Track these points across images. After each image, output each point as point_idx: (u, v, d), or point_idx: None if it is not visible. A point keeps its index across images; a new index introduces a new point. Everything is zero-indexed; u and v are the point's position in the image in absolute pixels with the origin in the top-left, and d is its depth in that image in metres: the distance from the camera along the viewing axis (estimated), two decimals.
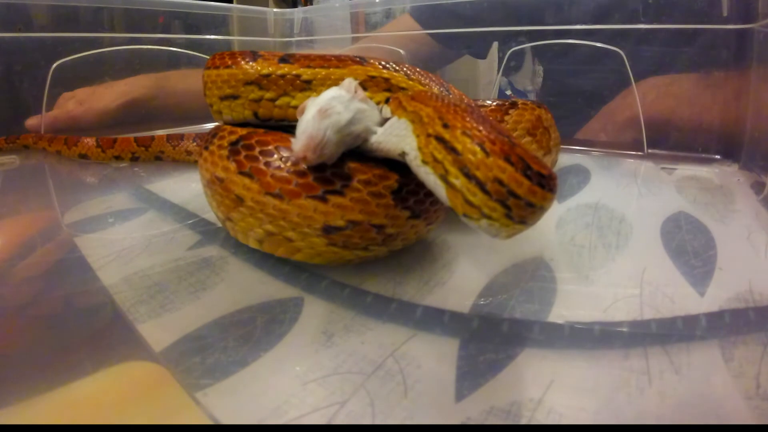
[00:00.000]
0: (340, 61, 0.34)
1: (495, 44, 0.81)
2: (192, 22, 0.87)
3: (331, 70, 0.33)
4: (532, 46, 0.77)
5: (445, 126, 0.24)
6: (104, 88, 0.78)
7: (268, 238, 0.29)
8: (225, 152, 0.30)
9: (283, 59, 0.33)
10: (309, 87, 0.33)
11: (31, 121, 0.70)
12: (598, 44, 0.64)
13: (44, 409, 0.20)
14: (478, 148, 0.22)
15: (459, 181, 0.23)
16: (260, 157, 0.28)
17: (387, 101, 0.29)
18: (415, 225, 0.30)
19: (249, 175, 0.28)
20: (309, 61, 0.33)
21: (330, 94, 0.27)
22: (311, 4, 1.47)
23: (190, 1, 0.84)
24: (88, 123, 0.72)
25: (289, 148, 0.28)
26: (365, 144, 0.28)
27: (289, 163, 0.27)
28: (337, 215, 0.27)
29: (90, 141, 0.62)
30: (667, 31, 0.61)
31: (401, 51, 0.85)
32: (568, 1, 0.68)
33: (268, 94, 0.33)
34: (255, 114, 0.34)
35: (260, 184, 0.28)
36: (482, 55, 0.87)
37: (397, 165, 0.28)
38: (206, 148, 0.32)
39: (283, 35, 1.01)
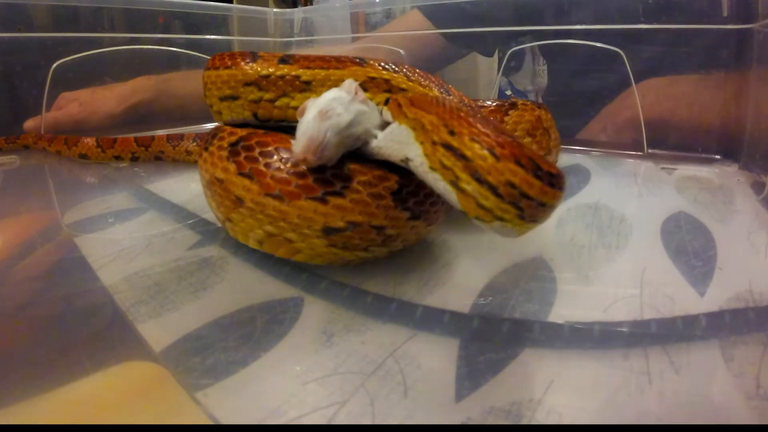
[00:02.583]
0: (340, 62, 0.34)
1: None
2: (192, 22, 0.87)
3: (331, 71, 0.33)
4: (533, 46, 0.77)
5: (452, 133, 0.24)
6: (105, 90, 0.78)
7: (268, 239, 0.29)
8: (225, 153, 0.30)
9: (283, 60, 0.33)
10: (308, 88, 0.33)
11: (30, 123, 0.70)
12: (599, 44, 0.64)
13: (44, 409, 0.20)
14: (488, 153, 0.22)
15: (471, 187, 0.23)
16: (260, 158, 0.28)
17: (386, 102, 0.29)
18: (416, 226, 0.30)
19: (249, 176, 0.28)
20: (308, 62, 0.33)
21: (330, 95, 0.27)
22: (311, 4, 1.47)
23: (190, 1, 0.84)
24: (91, 126, 0.73)
25: (289, 150, 0.28)
26: (366, 147, 0.28)
27: (288, 165, 0.27)
28: (337, 216, 0.27)
29: (90, 141, 0.62)
30: (667, 31, 0.61)
31: (401, 51, 0.85)
32: (568, 2, 0.68)
33: (268, 95, 0.33)
34: (254, 115, 0.34)
35: (260, 185, 0.28)
36: (489, 52, 0.87)
37: (397, 166, 0.28)
38: (206, 148, 0.32)
39: (283, 35, 1.01)
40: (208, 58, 0.36)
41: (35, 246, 0.38)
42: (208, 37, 0.88)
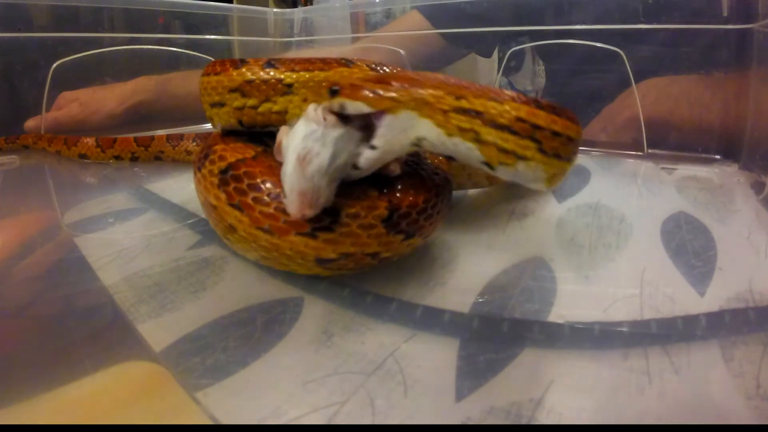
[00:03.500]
0: (325, 63, 0.34)
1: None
2: (192, 22, 0.87)
3: (315, 72, 0.33)
4: (533, 46, 0.77)
5: (459, 98, 0.26)
6: (105, 90, 0.78)
7: (264, 260, 0.29)
8: (215, 180, 0.29)
9: (269, 64, 0.33)
10: (290, 91, 0.33)
11: (30, 123, 0.70)
12: (598, 44, 0.64)
13: (44, 409, 0.20)
14: (494, 102, 0.26)
15: (491, 136, 0.26)
16: (248, 191, 0.27)
17: (334, 93, 0.27)
18: (412, 243, 0.29)
19: (239, 208, 0.28)
20: (293, 64, 0.33)
21: (300, 132, 0.25)
22: (311, 4, 1.47)
23: (190, 1, 0.84)
24: (91, 126, 0.73)
25: (276, 183, 0.27)
26: (360, 166, 0.27)
27: (276, 200, 0.27)
28: (329, 249, 0.27)
29: (90, 141, 0.62)
30: (667, 31, 0.61)
31: (401, 51, 0.85)
32: (568, 2, 0.68)
33: (251, 102, 0.33)
34: (240, 122, 0.34)
35: (250, 219, 0.27)
36: (488, 53, 0.87)
37: (384, 190, 0.28)
38: (199, 169, 0.31)
39: (283, 35, 1.01)
40: (209, 58, 0.36)
41: (35, 246, 0.38)
42: (208, 37, 0.88)
